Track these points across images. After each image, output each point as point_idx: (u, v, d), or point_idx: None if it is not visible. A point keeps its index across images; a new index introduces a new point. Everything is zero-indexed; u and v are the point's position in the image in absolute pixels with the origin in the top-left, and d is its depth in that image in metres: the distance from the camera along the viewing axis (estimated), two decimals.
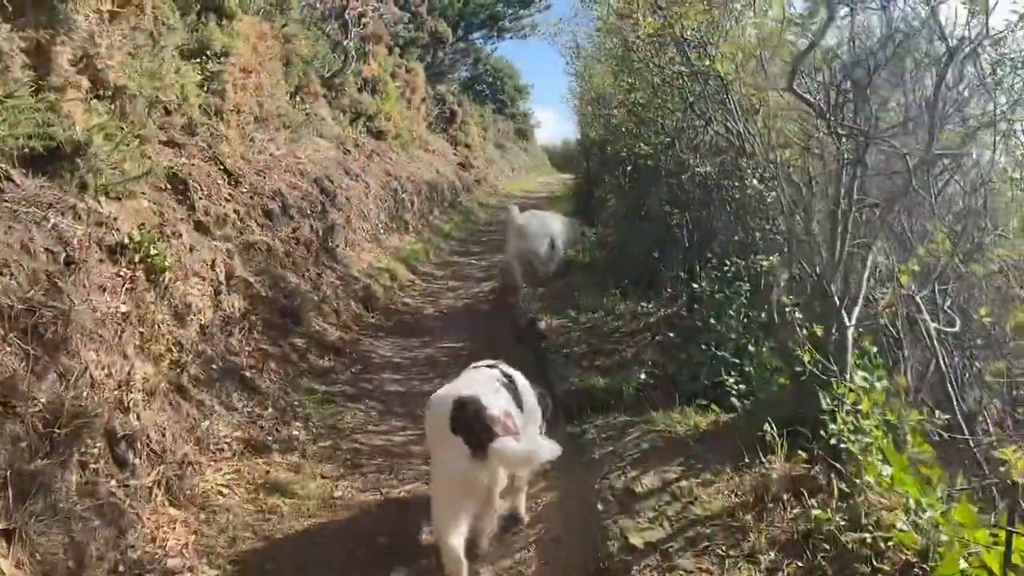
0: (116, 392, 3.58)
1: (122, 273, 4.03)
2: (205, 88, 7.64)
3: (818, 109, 3.74)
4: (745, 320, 5.05)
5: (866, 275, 3.48)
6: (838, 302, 3.38)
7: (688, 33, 5.33)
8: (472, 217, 16.04)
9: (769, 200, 4.88)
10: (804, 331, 3.56)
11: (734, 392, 4.59)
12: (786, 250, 4.14)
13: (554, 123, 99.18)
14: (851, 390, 3.27)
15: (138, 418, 3.67)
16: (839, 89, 3.61)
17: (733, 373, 4.76)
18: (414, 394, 5.61)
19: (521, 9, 21.84)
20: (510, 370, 3.76)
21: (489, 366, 3.78)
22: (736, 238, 5.40)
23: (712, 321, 5.15)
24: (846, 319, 3.36)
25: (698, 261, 5.71)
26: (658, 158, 6.87)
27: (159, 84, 6.37)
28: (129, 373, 3.74)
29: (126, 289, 3.99)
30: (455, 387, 3.48)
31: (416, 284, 9.19)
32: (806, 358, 3.25)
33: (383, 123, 14.63)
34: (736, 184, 5.49)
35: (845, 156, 3.52)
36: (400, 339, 7.04)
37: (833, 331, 3.47)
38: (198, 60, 7.71)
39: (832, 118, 3.58)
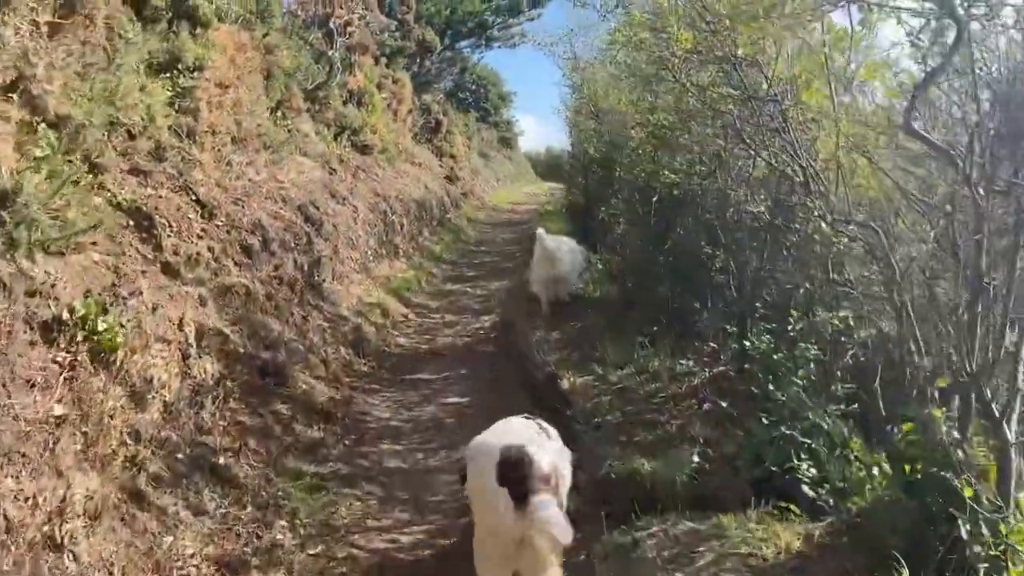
0: (45, 528, 2.69)
1: (60, 359, 3.13)
2: (176, 107, 6.74)
3: (945, 154, 2.94)
4: (814, 390, 4.25)
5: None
6: (997, 411, 2.56)
7: (741, 50, 4.53)
8: (462, 236, 15.17)
9: (843, 248, 4.09)
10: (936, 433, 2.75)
11: (806, 480, 3.81)
12: (896, 322, 3.32)
13: (536, 129, 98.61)
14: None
15: (74, 558, 2.77)
16: (978, 129, 2.81)
17: (804, 456, 3.96)
18: (418, 472, 4.75)
19: (510, 18, 21.01)
20: (545, 424, 3.45)
21: (526, 417, 3.52)
22: (800, 289, 4.59)
23: (771, 388, 4.34)
24: (1008, 433, 2.55)
25: (748, 314, 4.90)
26: (690, 189, 6.07)
27: (120, 105, 5.47)
28: (65, 495, 2.85)
29: (64, 380, 3.09)
30: (498, 434, 3.25)
31: (410, 320, 8.31)
32: (967, 493, 2.43)
33: (369, 137, 13.72)
34: (798, 227, 4.69)
35: (992, 214, 2.71)
36: (397, 393, 6.16)
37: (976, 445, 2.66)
38: (168, 75, 6.83)
39: (970, 167, 2.77)
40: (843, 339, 4.26)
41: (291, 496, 4.21)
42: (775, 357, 4.48)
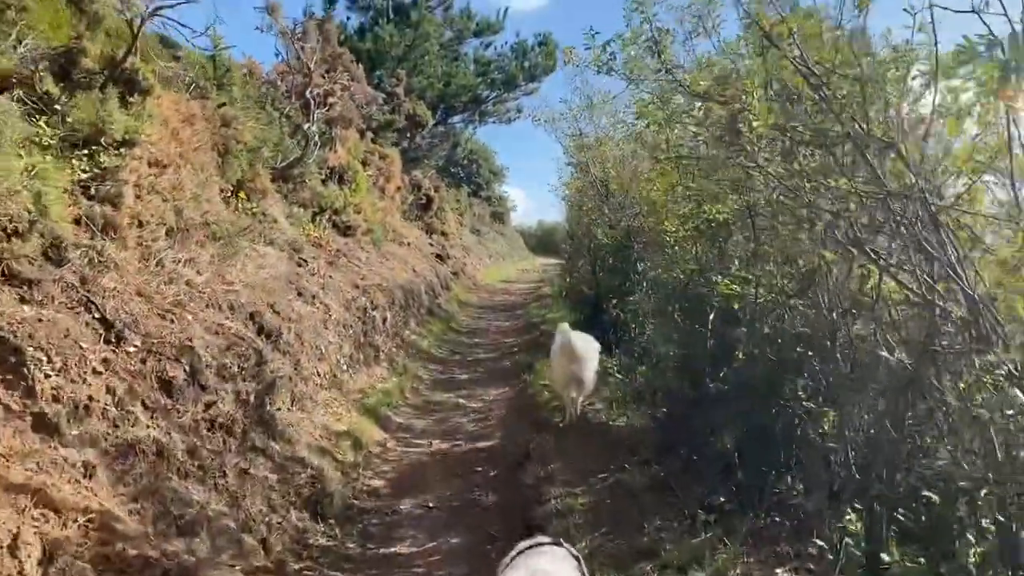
0: None
1: None
2: (91, 192, 5.22)
3: None
4: None
5: None
6: None
7: (876, 127, 3.04)
8: (453, 324, 13.56)
9: None
10: None
11: None
12: None
13: (525, 202, 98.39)
14: None
15: None
16: None
17: None
18: None
19: (506, 92, 19.93)
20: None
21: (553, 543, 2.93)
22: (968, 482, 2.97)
23: None
24: None
25: (883, 507, 3.27)
26: (760, 305, 4.52)
27: None
28: None
29: None
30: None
31: (388, 450, 6.61)
32: None
33: (352, 217, 12.26)
34: (953, 382, 3.13)
35: None
36: None
37: None
38: (86, 152, 5.33)
39: None
40: None
41: None
42: None
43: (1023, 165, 2.86)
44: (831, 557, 3.35)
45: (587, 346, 7.07)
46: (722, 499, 4.22)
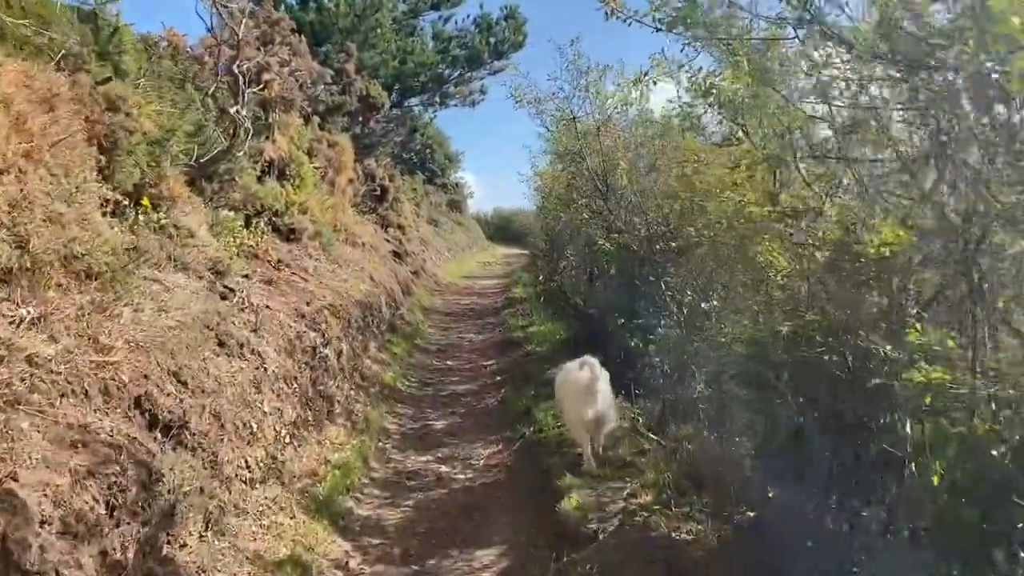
0: None
1: None
2: None
3: None
4: None
5: None
6: None
7: None
8: (420, 339, 11.52)
9: None
10: None
11: None
12: None
13: (476, 187, 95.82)
14: None
15: None
16: None
17: None
18: None
19: (469, 71, 17.73)
20: None
21: None
22: None
23: None
24: None
25: None
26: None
27: None
28: None
29: None
30: None
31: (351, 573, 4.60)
32: None
33: (296, 218, 10.11)
34: None
35: None
36: None
37: None
38: None
39: None
40: None
41: None
42: None
43: None
44: None
45: (604, 383, 5.66)
46: None
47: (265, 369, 5.51)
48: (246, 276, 7.42)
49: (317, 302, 8.13)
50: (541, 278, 16.37)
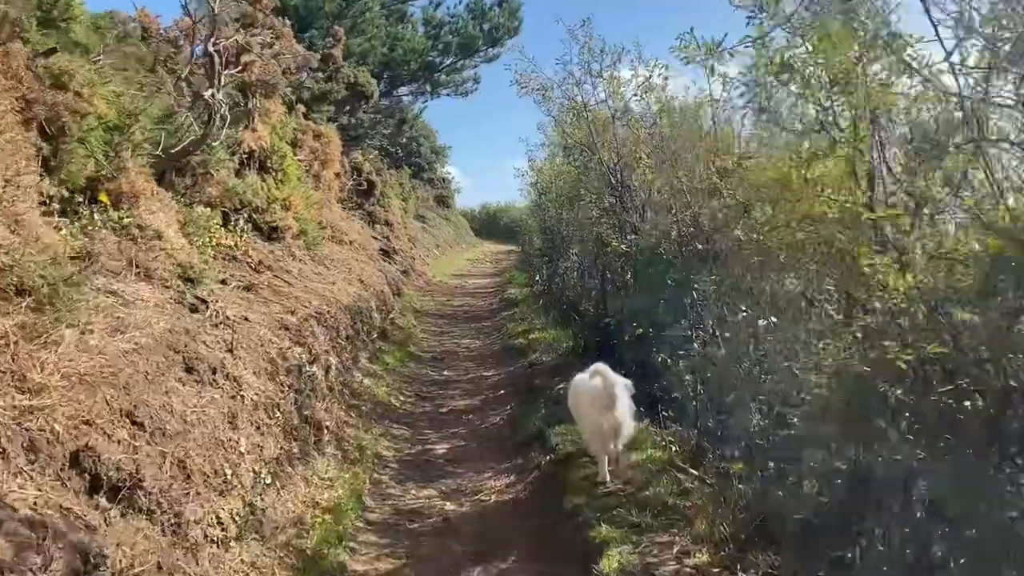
0: None
1: None
2: None
3: None
4: None
5: None
6: None
7: None
8: (413, 346, 10.66)
9: None
10: None
11: None
12: None
13: (461, 181, 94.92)
14: None
15: None
16: None
17: None
18: None
19: (463, 59, 16.78)
20: None
21: None
22: None
23: None
24: None
25: None
26: None
27: None
28: None
29: None
30: None
31: None
32: None
33: (279, 215, 9.24)
34: None
35: None
36: None
37: None
38: None
39: None
40: None
41: None
42: None
43: None
44: None
45: (621, 389, 5.13)
46: None
47: (242, 398, 4.65)
48: (223, 282, 6.57)
49: (303, 310, 7.26)
50: (538, 278, 15.57)
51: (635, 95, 7.52)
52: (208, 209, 7.59)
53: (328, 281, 9.62)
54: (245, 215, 8.70)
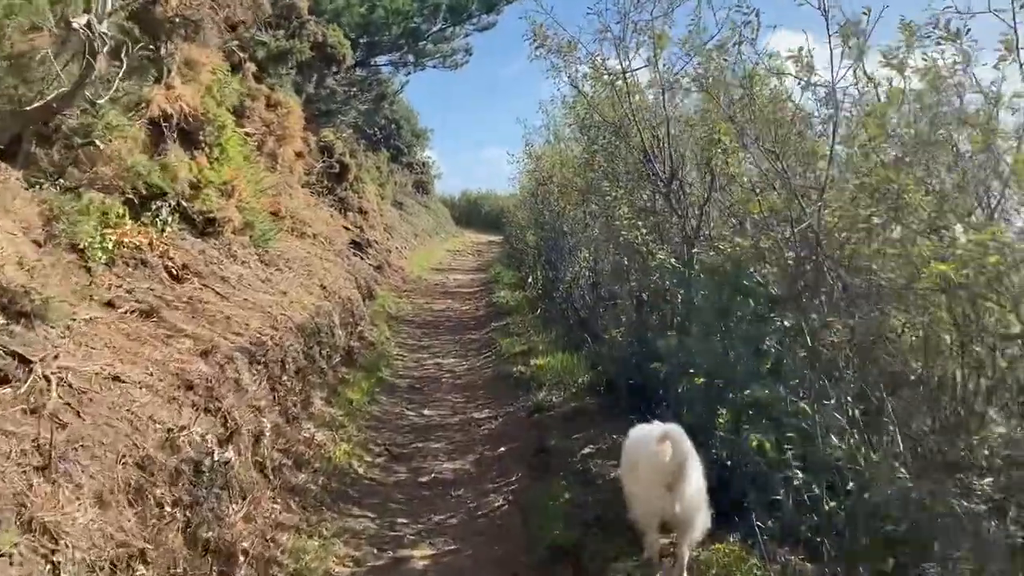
0: None
1: None
2: None
3: None
4: None
5: None
6: None
7: None
8: (385, 372, 8.39)
9: None
10: None
11: None
12: None
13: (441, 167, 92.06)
14: None
15: None
16: None
17: None
18: None
19: (452, 25, 14.34)
20: None
21: None
22: None
23: None
24: None
25: None
26: None
27: None
28: None
29: None
30: None
31: None
32: None
33: (215, 204, 6.97)
34: None
35: None
36: None
37: None
38: None
39: None
40: None
41: None
42: None
43: None
44: None
45: (695, 469, 3.71)
46: None
47: (54, 570, 2.38)
48: (109, 304, 4.32)
49: (228, 343, 5.00)
50: (532, 280, 13.37)
51: (703, 59, 5.28)
52: (103, 195, 5.29)
53: (278, 290, 7.34)
54: (170, 204, 6.43)
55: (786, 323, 4.13)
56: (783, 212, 4.17)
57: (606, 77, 6.54)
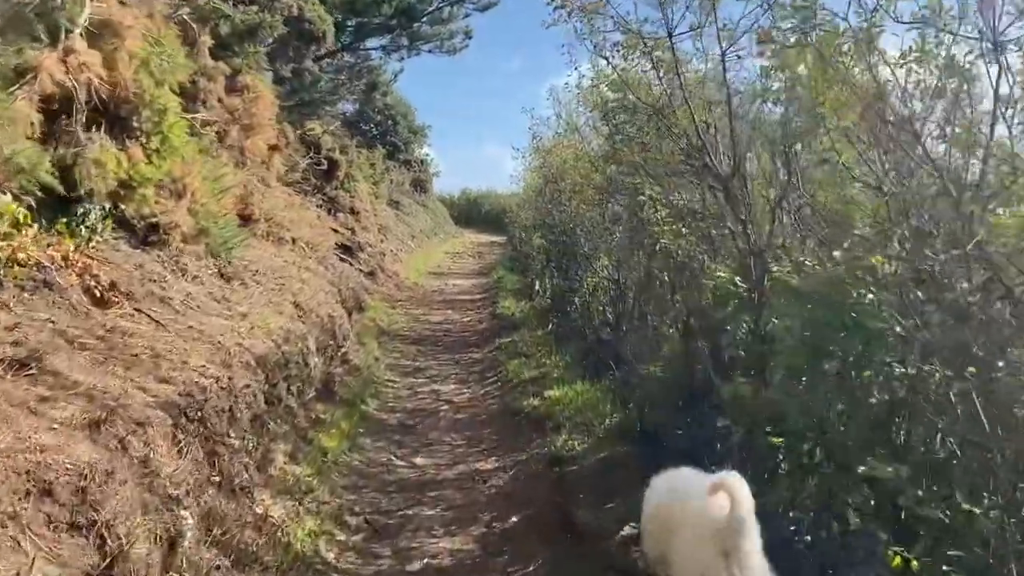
0: None
1: None
2: None
3: None
4: None
5: None
6: None
7: None
8: (372, 405, 6.99)
9: None
10: None
11: None
12: None
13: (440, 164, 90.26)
14: None
15: None
16: None
17: None
18: None
19: (451, 5, 12.81)
20: None
21: None
22: None
23: None
24: None
25: None
26: None
27: None
28: None
29: None
30: None
31: None
32: None
33: (155, 207, 5.57)
34: None
35: None
36: None
37: None
38: None
39: None
40: None
41: None
42: None
43: None
44: None
45: (753, 527, 2.76)
46: None
47: None
48: None
49: (147, 395, 3.62)
50: (538, 287, 11.97)
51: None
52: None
53: (237, 312, 5.94)
54: (102, 207, 5.07)
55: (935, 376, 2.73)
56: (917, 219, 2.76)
57: (644, 46, 5.12)
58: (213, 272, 6.41)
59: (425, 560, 4.34)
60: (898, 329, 3.06)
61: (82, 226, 5.03)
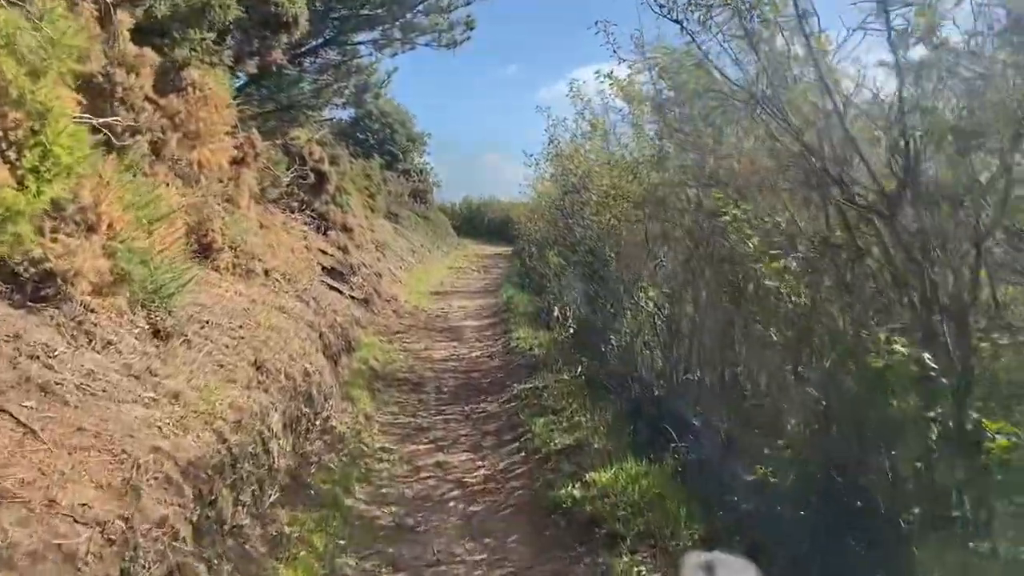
0: None
1: None
2: None
3: None
4: None
5: None
6: None
7: None
8: (358, 498, 5.24)
9: None
10: None
11: None
12: None
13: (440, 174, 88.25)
14: None
15: None
16: None
17: None
18: None
19: None
20: None
21: None
22: None
23: None
24: None
25: None
26: None
27: None
28: None
29: None
30: None
31: None
32: None
33: (51, 249, 3.80)
34: None
35: None
36: None
37: None
38: None
39: None
40: None
41: None
42: None
43: None
44: None
45: None
46: None
47: None
48: None
49: None
50: (558, 315, 10.23)
51: None
52: None
53: (165, 391, 4.21)
54: None
55: None
56: None
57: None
58: (141, 331, 4.70)
59: None
60: None
61: None
